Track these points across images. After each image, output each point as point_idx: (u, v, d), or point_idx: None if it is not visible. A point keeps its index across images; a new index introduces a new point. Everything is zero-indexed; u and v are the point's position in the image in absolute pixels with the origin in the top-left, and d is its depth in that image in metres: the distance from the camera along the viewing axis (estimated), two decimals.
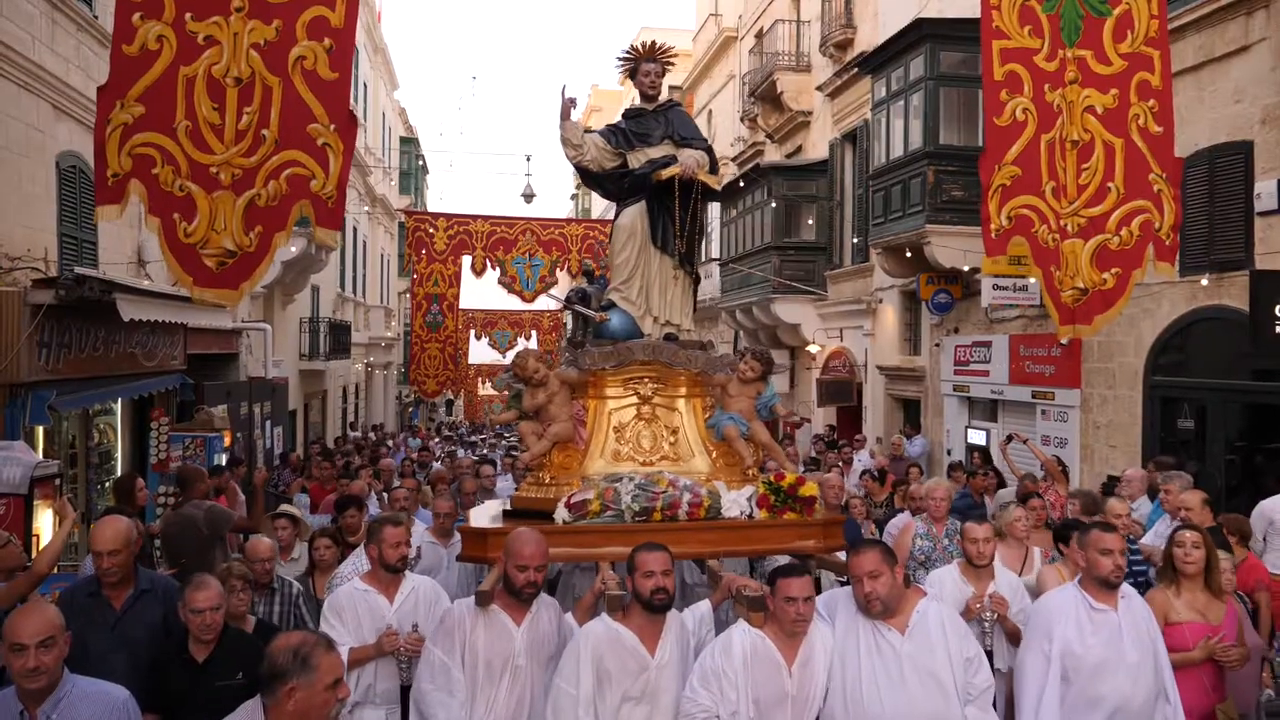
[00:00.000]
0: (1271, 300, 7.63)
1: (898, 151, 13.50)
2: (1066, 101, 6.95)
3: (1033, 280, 11.46)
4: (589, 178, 5.98)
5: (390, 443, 21.73)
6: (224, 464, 9.66)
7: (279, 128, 5.59)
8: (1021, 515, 5.86)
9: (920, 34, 12.56)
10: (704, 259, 18.00)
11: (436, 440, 23.37)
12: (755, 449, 5.34)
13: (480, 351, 30.95)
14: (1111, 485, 9.32)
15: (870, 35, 15.93)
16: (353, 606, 4.32)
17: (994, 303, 11.82)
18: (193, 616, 3.88)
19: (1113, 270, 6.98)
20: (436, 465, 13.39)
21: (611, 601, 3.88)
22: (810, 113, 18.94)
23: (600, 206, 43.18)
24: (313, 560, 5.77)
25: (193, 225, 5.55)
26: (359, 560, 5.08)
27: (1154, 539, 6.83)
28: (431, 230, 20.58)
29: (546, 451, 5.08)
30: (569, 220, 28.88)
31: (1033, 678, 4.07)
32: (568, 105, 5.87)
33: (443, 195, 62.69)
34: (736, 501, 4.82)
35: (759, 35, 21.32)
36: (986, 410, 13.46)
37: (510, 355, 40.91)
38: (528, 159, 31.53)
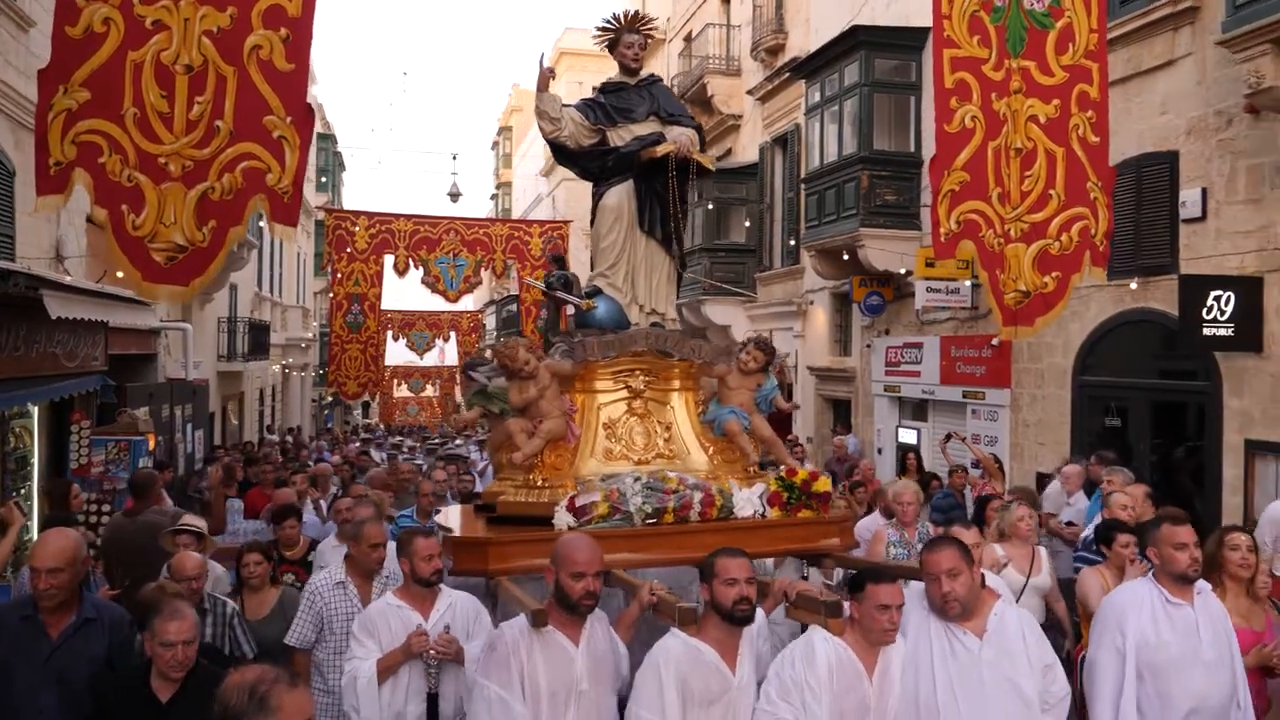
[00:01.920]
0: (1199, 303, 7.96)
1: (831, 156, 13.72)
2: (1011, 110, 7.15)
3: (965, 283, 11.83)
4: (565, 155, 5.65)
5: (311, 446, 21.27)
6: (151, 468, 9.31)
7: (234, 119, 5.41)
8: (1025, 514, 5.69)
9: (855, 41, 12.78)
10: None
11: (356, 444, 22.91)
12: (757, 445, 5.10)
13: (396, 353, 30.48)
14: (1043, 482, 9.65)
15: (802, 41, 16.16)
16: (385, 623, 4.02)
17: (927, 305, 12.10)
18: (162, 650, 3.43)
19: (1053, 274, 7.21)
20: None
21: (684, 614, 3.43)
22: (740, 116, 19.12)
23: (521, 206, 42.92)
24: (240, 578, 5.29)
25: (141, 218, 5.34)
26: (335, 571, 4.86)
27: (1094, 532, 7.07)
28: (352, 229, 20.17)
29: (540, 450, 4.73)
30: (493, 220, 28.69)
31: (1107, 675, 3.84)
32: (545, 76, 5.54)
33: (371, 193, 61.37)
34: (749, 500, 4.60)
35: (688, 39, 21.44)
36: (917, 410, 13.77)
37: (428, 358, 40.26)
38: (454, 157, 31.32)
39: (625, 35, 5.58)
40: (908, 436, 13.88)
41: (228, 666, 4.16)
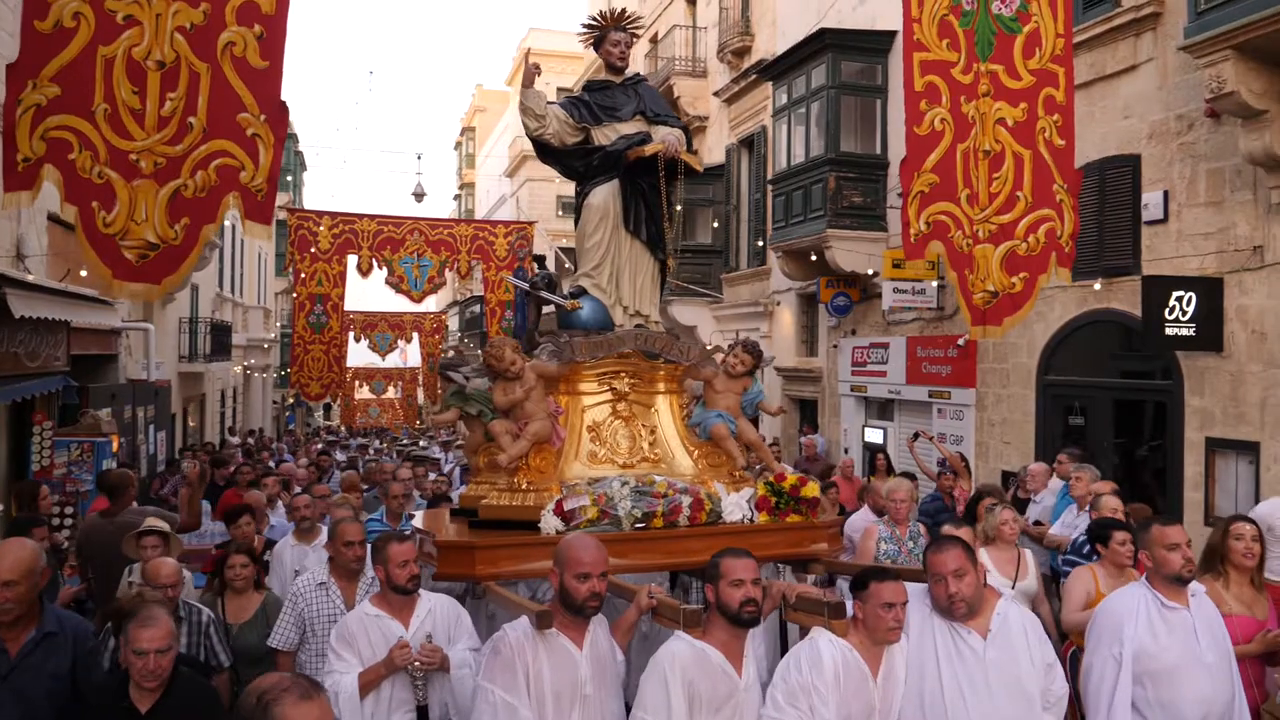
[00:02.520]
0: (1162, 303, 8.12)
1: (799, 157, 13.81)
2: (980, 113, 7.24)
3: (931, 284, 11.97)
4: (548, 153, 5.56)
5: (273, 448, 21.04)
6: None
7: (207, 116, 5.36)
8: (1009, 518, 5.67)
9: (822, 43, 12.88)
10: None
11: (319, 446, 22.70)
12: (743, 449, 5.02)
13: (357, 355, 30.20)
14: (1008, 480, 9.80)
15: (768, 43, 16.26)
16: (364, 634, 3.90)
17: (894, 305, 12.22)
18: (136, 659, 3.28)
19: (1020, 275, 7.31)
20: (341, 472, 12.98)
21: (690, 616, 3.37)
22: (706, 118, 19.19)
23: (484, 207, 42.73)
24: (224, 580, 5.14)
25: (111, 215, 5.28)
26: (318, 572, 4.79)
27: (1061, 529, 7.19)
28: (315, 229, 19.98)
29: (525, 452, 4.60)
30: (458, 221, 28.58)
31: (1103, 684, 3.78)
32: (531, 71, 5.45)
33: (334, 193, 60.76)
34: (738, 505, 4.54)
35: (654, 40, 21.48)
36: (883, 410, 13.90)
37: (390, 359, 39.96)
38: (418, 157, 31.04)
39: (611, 33, 5.52)
40: (874, 436, 14.01)
41: (205, 670, 4.13)
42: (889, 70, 13.02)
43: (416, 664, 3.76)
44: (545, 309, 5.61)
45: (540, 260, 6.06)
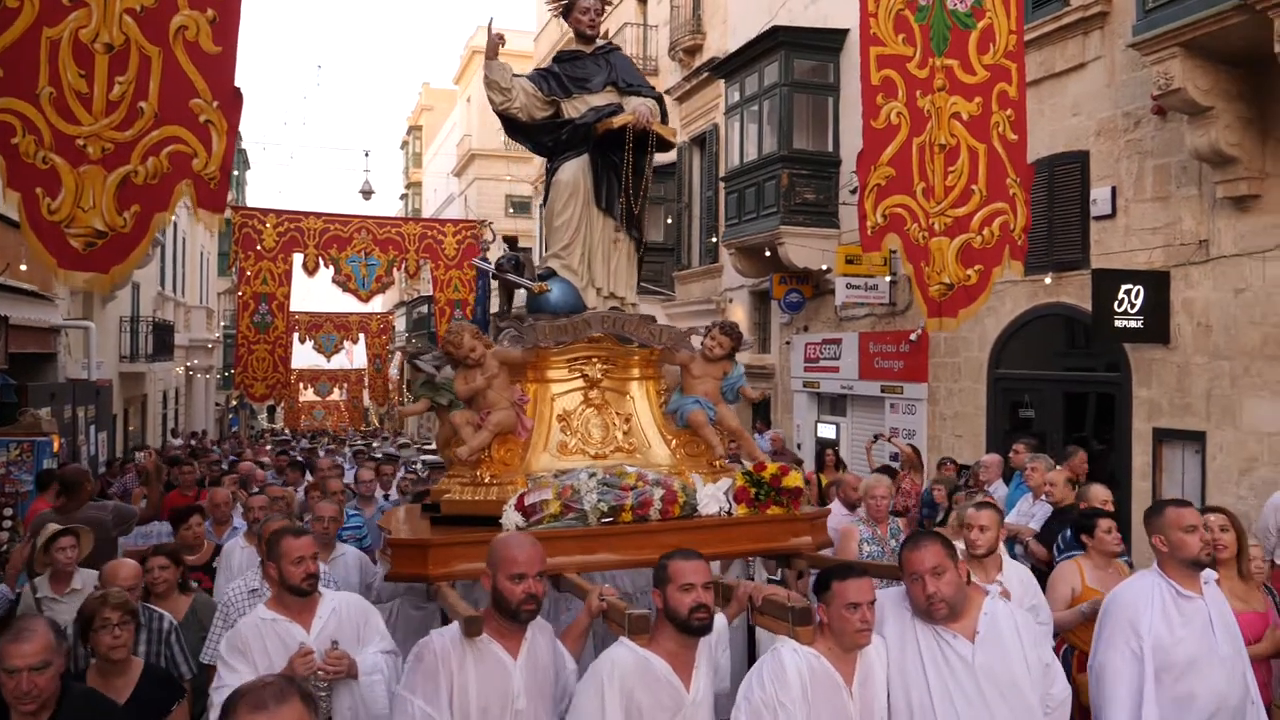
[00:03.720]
0: (1111, 296, 8.28)
1: (751, 155, 13.87)
2: (936, 107, 7.31)
3: (884, 280, 12.09)
4: (516, 129, 5.27)
5: (217, 451, 20.61)
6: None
7: (158, 101, 5.21)
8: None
9: (775, 41, 12.95)
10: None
11: (267, 449, 22.30)
12: (724, 437, 4.76)
13: (301, 357, 29.74)
14: (962, 472, 9.91)
15: (719, 41, 16.31)
16: (259, 641, 3.46)
17: (847, 301, 12.32)
18: (6, 679, 2.91)
19: (976, 267, 7.39)
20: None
21: (636, 622, 3.08)
22: None
23: (432, 206, 42.34)
24: (146, 587, 4.66)
25: (57, 201, 5.11)
26: (250, 577, 4.50)
27: (1016, 518, 7.28)
28: (260, 227, 19.76)
29: (487, 444, 4.30)
30: (406, 219, 28.22)
31: (1122, 681, 3.49)
32: (495, 42, 5.14)
33: (281, 189, 59.75)
34: (714, 497, 4.27)
35: (605, 38, 21.42)
36: (836, 405, 14.01)
37: (335, 360, 39.24)
38: (366, 154, 30.43)
39: (581, 0, 5.26)
40: (826, 431, 14.11)
41: (176, 686, 3.84)
42: (840, 69, 13.14)
43: (320, 673, 3.36)
44: (518, 294, 5.39)
45: (512, 241, 5.81)
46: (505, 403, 4.37)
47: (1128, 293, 8.36)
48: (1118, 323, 8.32)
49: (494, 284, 5.77)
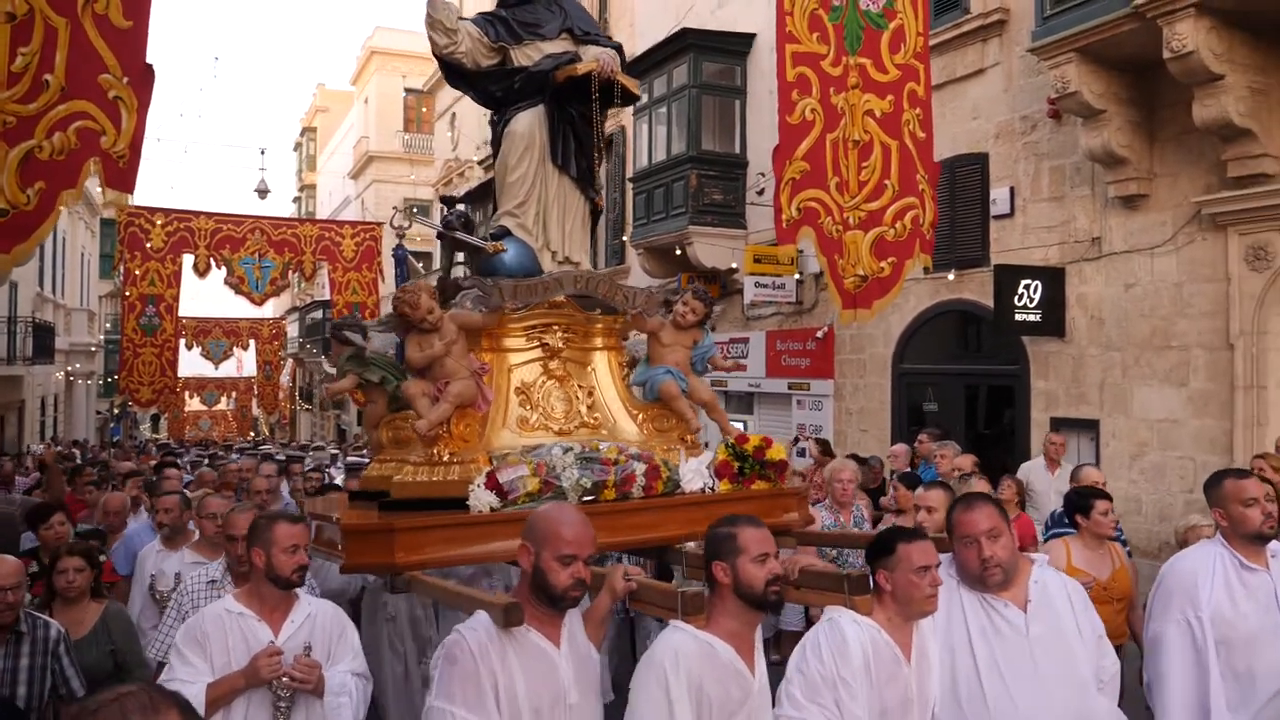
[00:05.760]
0: (1012, 291, 8.63)
1: (660, 156, 13.98)
2: (849, 104, 7.51)
3: (791, 279, 12.33)
4: (458, 77, 4.86)
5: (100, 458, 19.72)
6: None
7: (66, 74, 5.02)
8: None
9: (684, 43, 13.10)
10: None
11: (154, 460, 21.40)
12: (695, 410, 4.45)
13: (188, 365, 28.63)
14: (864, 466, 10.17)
15: (626, 44, 16.27)
16: (221, 635, 3.11)
17: (755, 299, 12.51)
18: None
19: (889, 259, 7.62)
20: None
21: (692, 601, 2.74)
22: None
23: (326, 210, 41.40)
24: (53, 589, 4.28)
25: None
26: (212, 567, 4.16)
27: None
28: (148, 226, 19.03)
29: (447, 417, 3.84)
30: (302, 220, 27.55)
31: (1175, 653, 3.32)
32: None
33: (174, 184, 57.31)
34: (698, 472, 4.01)
35: None
36: (743, 403, 14.20)
37: (224, 368, 37.84)
38: (262, 152, 29.26)
39: None
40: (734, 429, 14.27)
41: (17, 715, 3.46)
42: (748, 72, 13.37)
43: (285, 679, 2.99)
44: (457, 261, 5.08)
45: (449, 201, 5.35)
46: (464, 372, 3.92)
47: (1027, 288, 8.73)
48: (1018, 316, 8.67)
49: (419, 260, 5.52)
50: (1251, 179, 7.33)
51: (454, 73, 4.86)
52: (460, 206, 5.78)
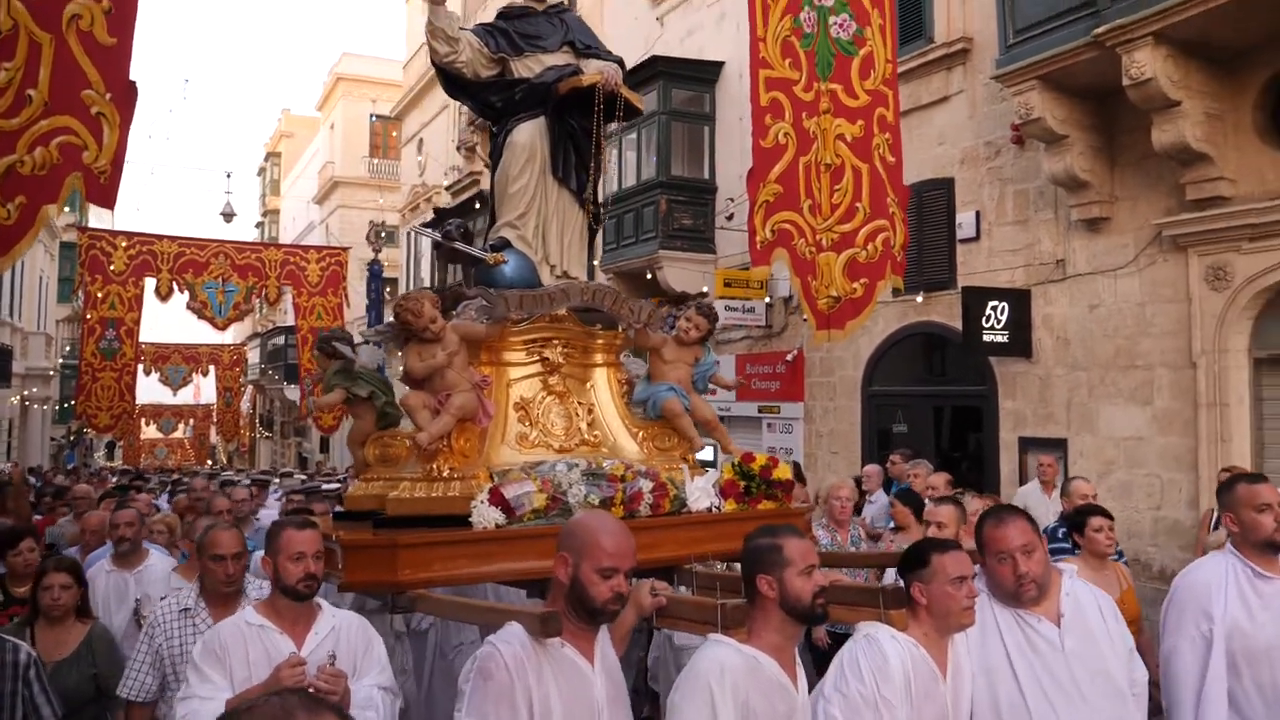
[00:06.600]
0: (980, 312, 8.81)
1: (630, 181, 14.12)
2: (821, 129, 7.67)
3: (761, 303, 12.46)
4: (458, 87, 4.85)
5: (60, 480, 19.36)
6: None
7: (49, 90, 5.04)
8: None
9: (654, 70, 13.27)
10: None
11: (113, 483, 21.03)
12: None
13: (145, 391, 28.17)
14: None
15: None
16: (241, 648, 3.02)
17: (725, 323, 12.61)
18: None
19: (861, 280, 7.76)
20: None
21: (733, 614, 2.69)
22: None
23: (290, 235, 41.14)
24: (38, 607, 4.13)
25: None
26: (184, 595, 3.91)
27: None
28: (110, 249, 18.88)
29: (449, 430, 3.75)
30: (266, 245, 27.35)
31: (1189, 669, 3.24)
32: None
33: (140, 206, 56.52)
34: (704, 490, 3.96)
35: None
36: None
37: (181, 395, 37.32)
38: (228, 175, 29.13)
39: None
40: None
41: None
42: (716, 99, 13.56)
43: (310, 690, 2.86)
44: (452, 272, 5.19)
45: (441, 213, 5.17)
46: (466, 384, 3.83)
47: (994, 309, 8.91)
48: (986, 337, 8.84)
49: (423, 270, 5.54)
50: (1209, 201, 7.57)
51: (453, 82, 4.85)
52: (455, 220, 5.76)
